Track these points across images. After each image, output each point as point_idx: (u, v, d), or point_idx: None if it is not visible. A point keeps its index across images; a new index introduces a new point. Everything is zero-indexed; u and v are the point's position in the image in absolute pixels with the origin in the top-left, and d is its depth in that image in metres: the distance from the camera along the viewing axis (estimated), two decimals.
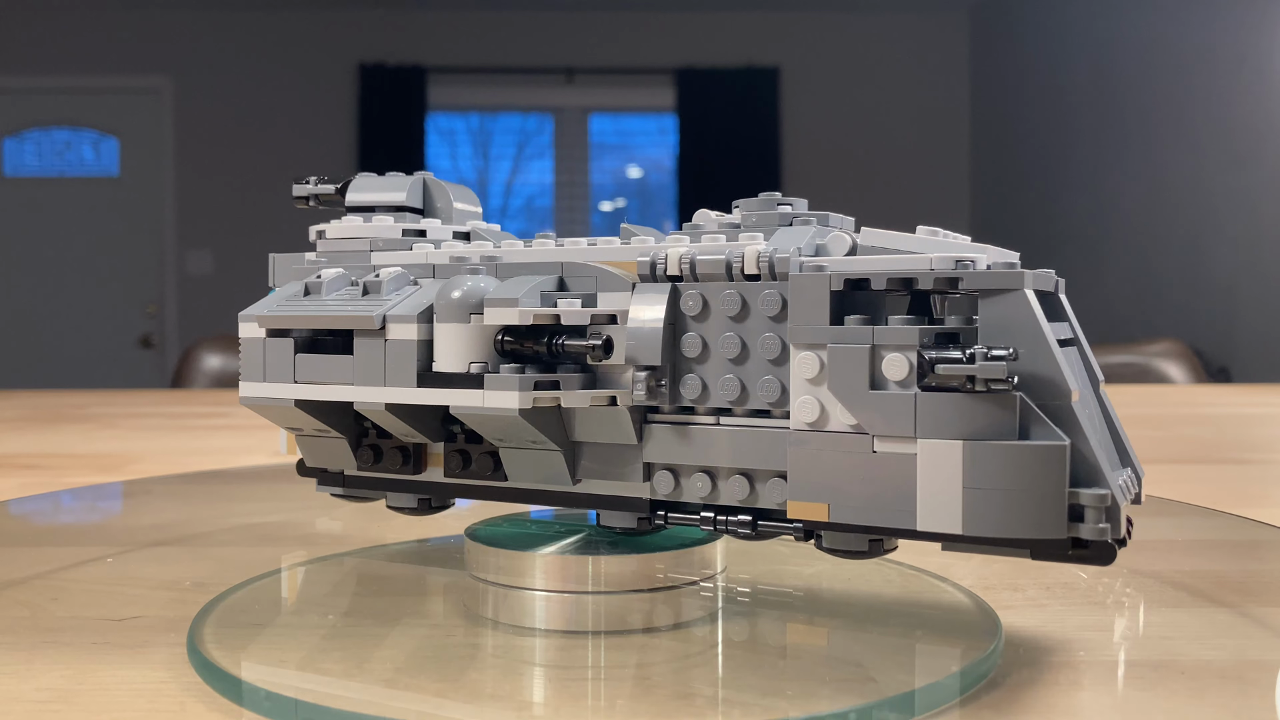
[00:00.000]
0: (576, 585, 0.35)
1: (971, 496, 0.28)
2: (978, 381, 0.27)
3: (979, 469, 0.28)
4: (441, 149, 4.84)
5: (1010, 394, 0.28)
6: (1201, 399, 1.35)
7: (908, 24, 4.77)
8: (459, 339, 0.33)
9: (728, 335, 0.32)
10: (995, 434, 0.28)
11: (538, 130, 4.86)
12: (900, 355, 0.29)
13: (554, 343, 0.33)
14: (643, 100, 4.81)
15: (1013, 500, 0.28)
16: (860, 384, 0.29)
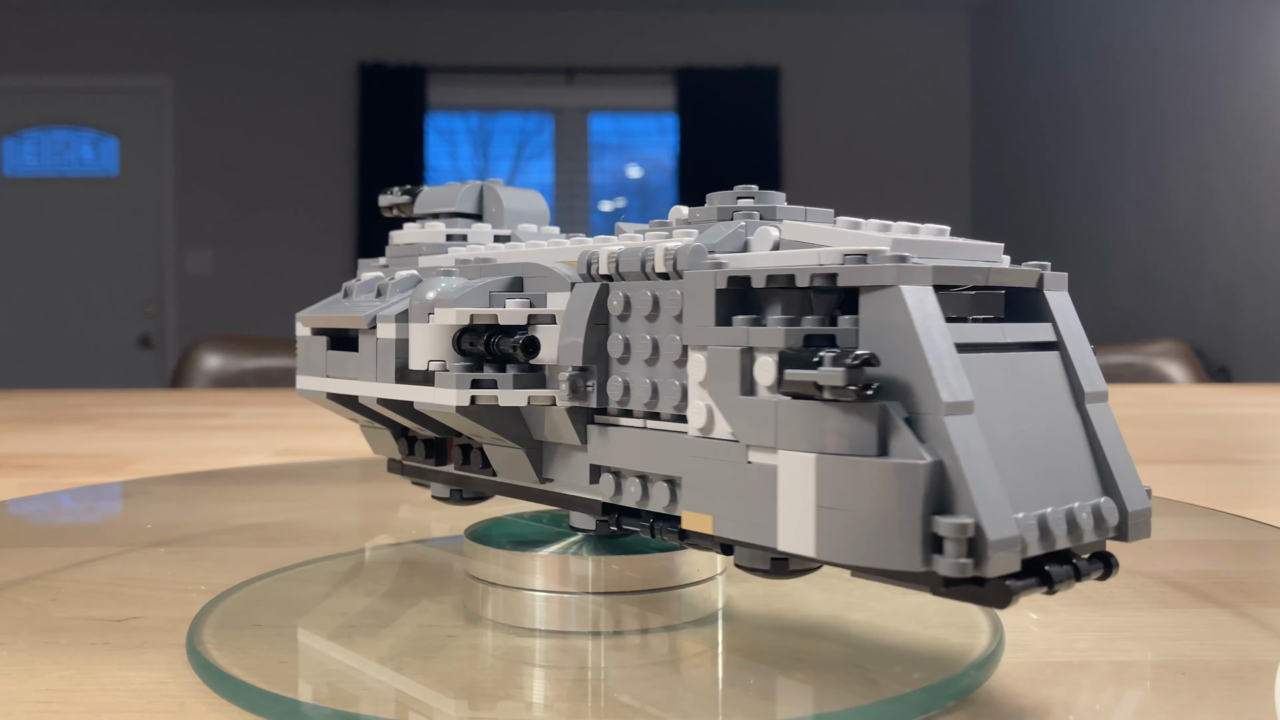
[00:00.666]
0: (576, 586, 0.35)
1: (824, 517, 0.26)
2: (825, 389, 0.25)
3: (831, 487, 0.25)
4: (441, 149, 4.84)
5: (868, 404, 0.25)
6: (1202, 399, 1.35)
7: (908, 24, 4.78)
8: (420, 338, 0.35)
9: (643, 336, 0.31)
10: (850, 448, 0.25)
11: (538, 130, 4.86)
12: (769, 359, 0.27)
13: (490, 343, 0.34)
14: (643, 100, 4.82)
15: (863, 524, 0.25)
16: (733, 389, 0.27)
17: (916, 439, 0.24)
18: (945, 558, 0.24)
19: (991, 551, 0.24)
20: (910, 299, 0.25)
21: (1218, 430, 1.03)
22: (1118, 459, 0.28)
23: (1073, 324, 0.29)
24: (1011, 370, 0.27)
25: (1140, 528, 0.28)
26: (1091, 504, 0.27)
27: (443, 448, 0.39)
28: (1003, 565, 0.24)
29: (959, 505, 0.24)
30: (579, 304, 0.32)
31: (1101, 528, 0.27)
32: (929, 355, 0.25)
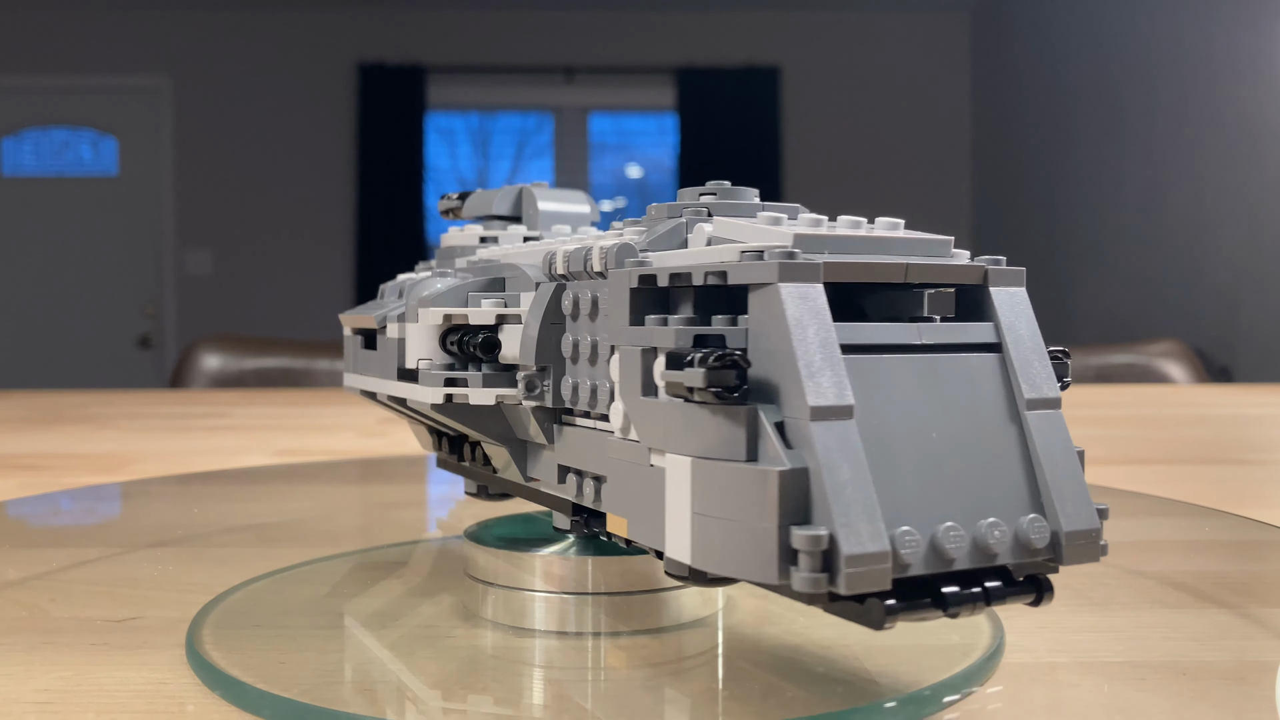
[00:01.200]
0: (576, 587, 0.35)
1: (698, 524, 0.25)
2: (693, 391, 0.24)
3: (703, 492, 0.24)
4: (441, 148, 4.84)
5: (737, 407, 0.24)
6: (1202, 399, 1.35)
7: (909, 23, 4.78)
8: (410, 337, 0.36)
9: (586, 336, 0.30)
10: (719, 452, 0.24)
11: (537, 130, 4.86)
12: (662, 359, 0.26)
13: (460, 342, 0.35)
14: (643, 99, 4.82)
15: (729, 532, 0.24)
16: (637, 389, 0.27)
17: (783, 444, 0.23)
18: (799, 571, 0.22)
19: (846, 566, 0.22)
20: (787, 297, 0.24)
21: (1218, 430, 1.03)
22: (1059, 473, 0.25)
23: (1021, 324, 0.27)
24: (926, 374, 0.25)
25: (1081, 550, 0.25)
26: (1011, 522, 0.24)
27: (463, 444, 0.41)
28: (863, 582, 0.22)
29: (817, 516, 0.23)
30: (536, 303, 0.32)
31: (1023, 549, 0.24)
32: (798, 356, 0.24)
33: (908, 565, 0.23)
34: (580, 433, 0.31)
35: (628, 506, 0.28)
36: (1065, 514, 0.25)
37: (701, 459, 0.24)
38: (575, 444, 0.32)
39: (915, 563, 0.23)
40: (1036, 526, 0.25)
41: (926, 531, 0.23)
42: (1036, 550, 0.25)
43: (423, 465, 0.79)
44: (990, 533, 0.24)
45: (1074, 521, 0.25)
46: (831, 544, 0.22)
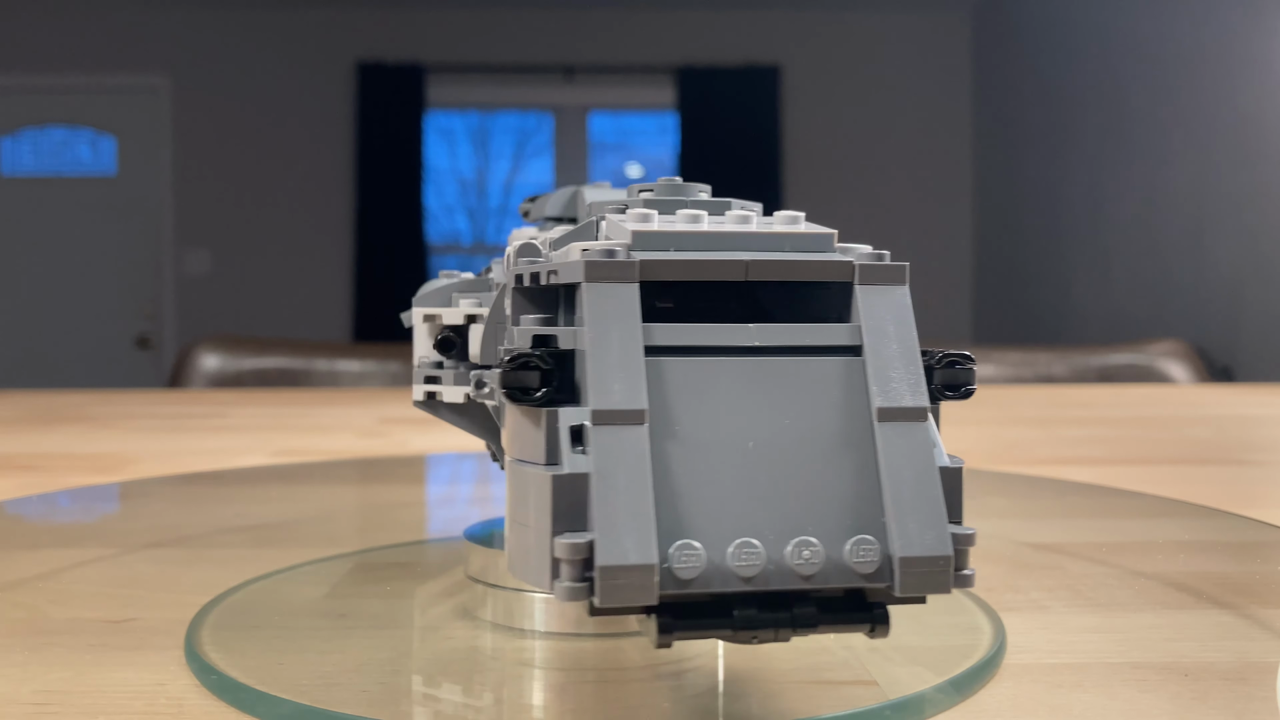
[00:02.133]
0: None
1: (510, 530, 0.24)
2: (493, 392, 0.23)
3: (512, 496, 0.24)
4: (440, 147, 4.84)
5: (537, 409, 0.23)
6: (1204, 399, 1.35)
7: (909, 23, 4.78)
8: (416, 337, 0.38)
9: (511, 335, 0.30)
10: (528, 455, 0.23)
11: (537, 129, 4.86)
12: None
13: (437, 340, 0.37)
14: (643, 98, 4.82)
15: (523, 538, 0.23)
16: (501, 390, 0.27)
17: (572, 449, 0.22)
18: (559, 580, 0.21)
19: (601, 577, 0.21)
20: (590, 297, 0.23)
21: (1220, 431, 1.03)
22: (905, 492, 0.23)
23: (890, 325, 0.24)
24: (756, 378, 0.24)
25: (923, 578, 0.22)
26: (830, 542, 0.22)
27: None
28: (621, 595, 0.21)
29: (590, 523, 0.22)
30: (493, 304, 0.33)
31: (841, 572, 0.22)
32: (590, 357, 0.23)
33: (685, 581, 0.22)
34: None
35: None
36: (904, 537, 0.22)
37: (514, 461, 0.24)
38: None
39: (694, 579, 0.22)
40: (862, 549, 0.22)
41: (718, 547, 0.22)
42: (860, 575, 0.22)
43: (422, 465, 0.79)
44: (797, 553, 0.22)
45: (914, 546, 0.22)
46: (590, 552, 0.21)
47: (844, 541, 0.22)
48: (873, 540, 0.22)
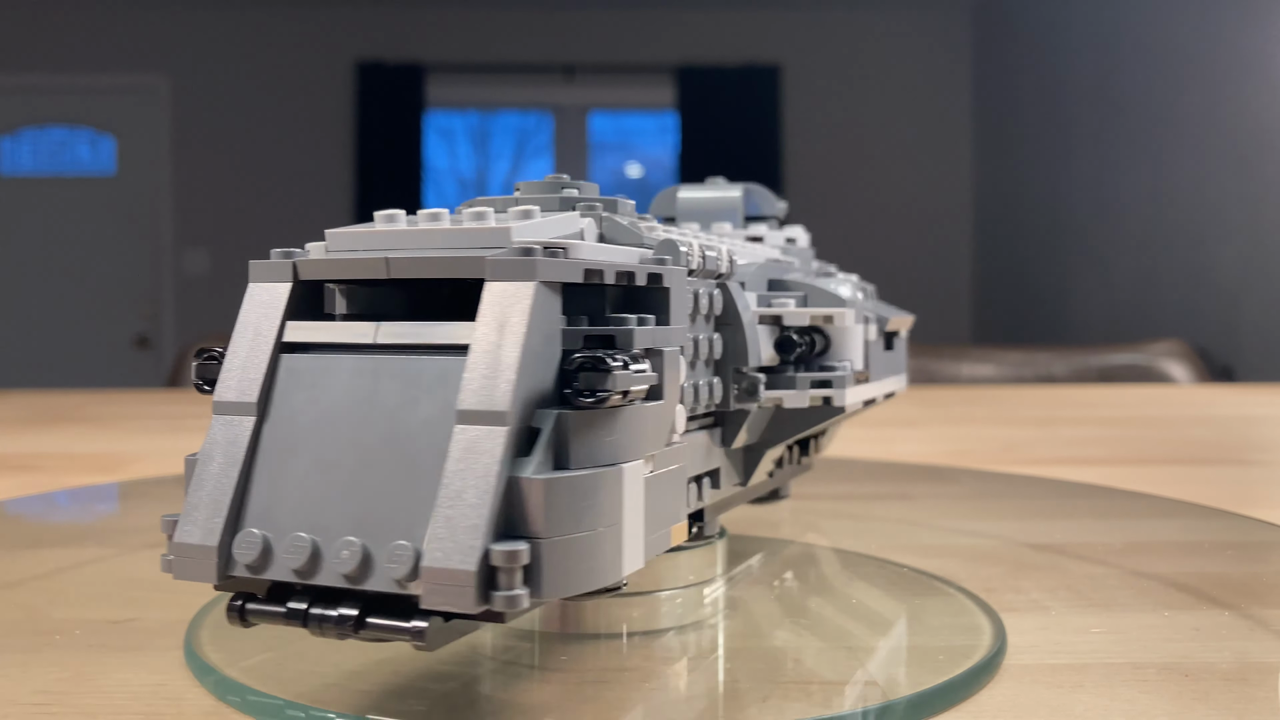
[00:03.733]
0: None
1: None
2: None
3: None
4: (440, 147, 4.84)
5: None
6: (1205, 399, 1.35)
7: (910, 22, 4.78)
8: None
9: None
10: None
11: (537, 128, 4.86)
12: None
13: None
14: (643, 98, 4.81)
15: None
16: None
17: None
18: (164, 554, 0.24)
19: (173, 554, 0.23)
20: (247, 295, 0.25)
21: (1221, 430, 1.03)
22: (453, 499, 0.22)
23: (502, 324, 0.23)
24: (366, 375, 0.24)
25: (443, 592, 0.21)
26: (377, 544, 0.22)
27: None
28: (189, 572, 0.23)
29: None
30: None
31: (372, 575, 0.22)
32: (228, 354, 0.25)
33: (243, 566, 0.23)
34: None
35: None
36: (434, 546, 0.22)
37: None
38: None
39: (250, 566, 0.23)
40: (398, 554, 0.22)
41: (279, 538, 0.23)
42: (392, 580, 0.22)
43: None
44: (338, 551, 0.22)
45: (438, 557, 0.21)
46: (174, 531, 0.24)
47: (387, 544, 0.22)
48: (408, 546, 0.22)
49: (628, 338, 0.25)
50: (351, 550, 0.22)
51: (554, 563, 0.22)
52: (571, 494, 0.23)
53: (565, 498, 0.22)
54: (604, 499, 0.23)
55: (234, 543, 0.23)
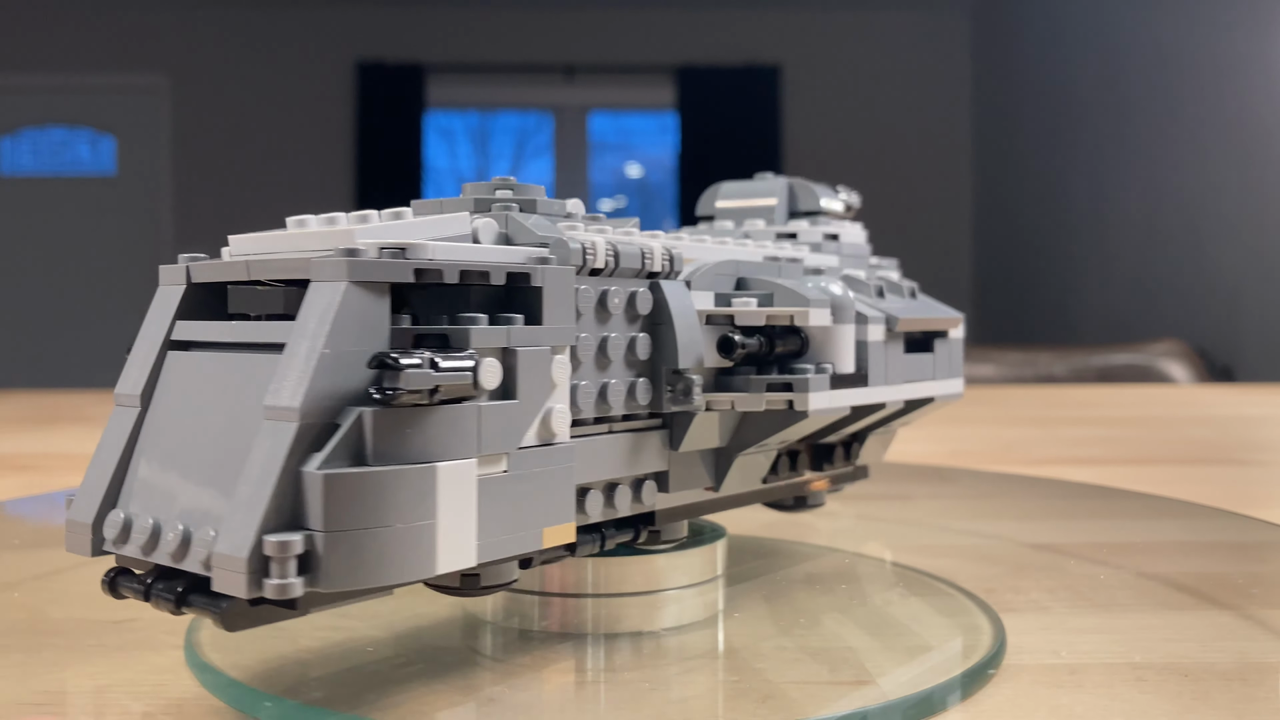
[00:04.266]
0: (576, 588, 0.35)
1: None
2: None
3: None
4: (440, 147, 4.84)
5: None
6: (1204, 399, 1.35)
7: (909, 22, 4.77)
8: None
9: None
10: None
11: (537, 129, 4.86)
12: None
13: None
14: (643, 98, 4.81)
15: None
16: None
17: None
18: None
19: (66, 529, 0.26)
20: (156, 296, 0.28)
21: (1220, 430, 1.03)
22: (245, 490, 0.23)
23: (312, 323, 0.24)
24: (216, 371, 0.26)
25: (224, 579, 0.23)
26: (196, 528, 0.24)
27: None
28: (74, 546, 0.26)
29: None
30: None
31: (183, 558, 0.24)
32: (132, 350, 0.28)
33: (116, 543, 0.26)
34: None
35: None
36: (223, 534, 0.23)
37: None
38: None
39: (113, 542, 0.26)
40: (204, 539, 0.24)
41: (140, 519, 0.25)
42: (198, 562, 0.24)
43: None
44: (165, 533, 0.24)
45: (222, 544, 0.23)
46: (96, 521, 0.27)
47: (201, 529, 0.24)
48: (212, 533, 0.24)
49: (461, 337, 0.26)
50: (175, 533, 0.24)
51: (335, 555, 0.23)
52: (358, 489, 0.23)
53: (348, 492, 0.23)
54: (406, 496, 0.24)
55: (105, 522, 0.26)
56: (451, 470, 0.25)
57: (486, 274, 0.26)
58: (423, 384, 0.24)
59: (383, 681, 0.32)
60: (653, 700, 0.30)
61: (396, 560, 0.24)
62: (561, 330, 0.28)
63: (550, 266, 0.28)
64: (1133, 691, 0.31)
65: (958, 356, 0.42)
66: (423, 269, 0.25)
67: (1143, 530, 0.55)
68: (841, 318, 0.34)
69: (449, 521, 0.25)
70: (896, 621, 0.38)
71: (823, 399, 0.34)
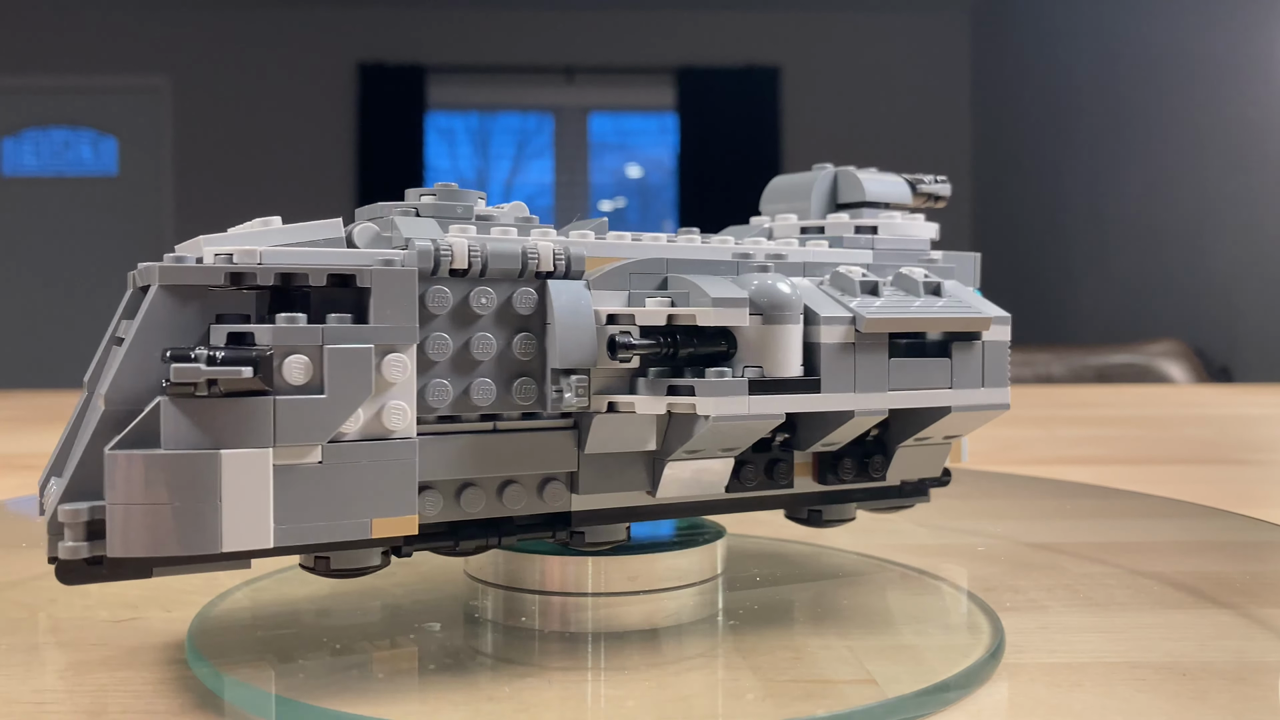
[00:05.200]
0: (576, 587, 0.35)
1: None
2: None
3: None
4: (441, 148, 4.84)
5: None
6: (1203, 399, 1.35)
7: (908, 23, 4.77)
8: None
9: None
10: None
11: (537, 130, 4.86)
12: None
13: None
14: (643, 99, 4.81)
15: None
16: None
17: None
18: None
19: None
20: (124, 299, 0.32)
21: (1219, 430, 1.03)
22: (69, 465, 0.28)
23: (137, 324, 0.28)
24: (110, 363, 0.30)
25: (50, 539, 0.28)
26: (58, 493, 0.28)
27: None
28: (37, 510, 0.30)
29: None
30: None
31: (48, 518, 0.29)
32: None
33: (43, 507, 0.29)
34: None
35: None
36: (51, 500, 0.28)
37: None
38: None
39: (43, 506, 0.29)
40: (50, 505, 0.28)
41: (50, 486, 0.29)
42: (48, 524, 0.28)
43: None
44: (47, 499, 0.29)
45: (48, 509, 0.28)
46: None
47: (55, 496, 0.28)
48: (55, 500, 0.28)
49: (265, 335, 0.28)
50: (49, 497, 0.28)
51: (117, 525, 0.27)
52: (140, 468, 0.27)
53: (131, 471, 0.27)
54: (187, 478, 0.27)
55: (46, 488, 0.29)
56: (238, 458, 0.27)
57: (306, 276, 0.28)
58: (191, 377, 0.26)
59: (383, 681, 0.32)
60: (653, 699, 0.30)
61: (177, 535, 0.27)
62: (394, 329, 0.29)
63: (380, 268, 0.29)
64: (1131, 691, 0.31)
65: (997, 362, 0.37)
66: (237, 272, 0.28)
67: (1141, 530, 0.55)
68: (776, 318, 0.32)
69: (237, 504, 0.27)
70: (896, 621, 0.38)
71: (731, 404, 0.31)
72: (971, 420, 0.37)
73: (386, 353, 0.29)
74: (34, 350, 4.54)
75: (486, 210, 0.33)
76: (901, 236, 0.40)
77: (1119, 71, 3.59)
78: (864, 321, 0.33)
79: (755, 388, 0.31)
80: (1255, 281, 2.93)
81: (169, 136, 4.62)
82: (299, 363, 0.28)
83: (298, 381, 0.28)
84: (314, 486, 0.28)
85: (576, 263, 0.32)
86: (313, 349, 0.28)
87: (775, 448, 0.35)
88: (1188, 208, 3.23)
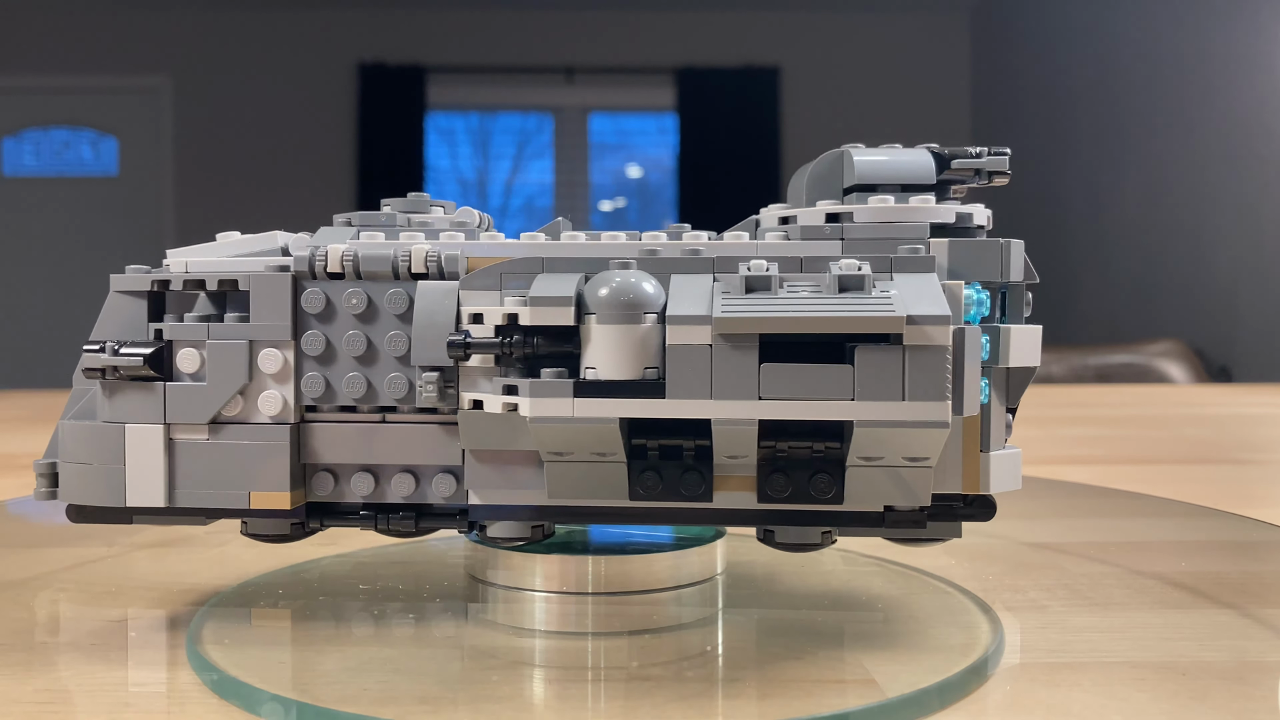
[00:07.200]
0: (576, 587, 0.35)
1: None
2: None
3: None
4: (441, 148, 4.84)
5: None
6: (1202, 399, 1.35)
7: (908, 24, 4.78)
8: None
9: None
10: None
11: (537, 130, 4.86)
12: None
13: None
14: (643, 100, 4.81)
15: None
16: None
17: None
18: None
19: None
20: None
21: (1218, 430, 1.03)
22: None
23: (98, 321, 0.36)
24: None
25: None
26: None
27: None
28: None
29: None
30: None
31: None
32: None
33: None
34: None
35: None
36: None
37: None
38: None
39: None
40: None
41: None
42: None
43: None
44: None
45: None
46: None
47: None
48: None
49: (167, 331, 0.34)
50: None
51: (65, 478, 0.34)
52: (76, 436, 0.34)
53: (70, 437, 0.34)
54: (102, 444, 0.34)
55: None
56: (138, 431, 0.34)
57: (202, 282, 0.34)
58: (94, 364, 0.33)
59: (383, 681, 0.32)
60: (652, 699, 0.30)
61: (98, 488, 0.34)
62: (269, 327, 0.33)
63: (258, 274, 0.34)
64: (1130, 690, 0.31)
65: (929, 372, 0.29)
66: (160, 279, 0.34)
67: (1140, 529, 0.55)
68: (608, 317, 0.30)
69: (138, 467, 0.34)
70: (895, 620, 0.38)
71: (553, 406, 0.30)
72: (898, 439, 0.30)
73: (263, 348, 0.33)
74: (34, 350, 4.54)
75: (434, 217, 0.37)
76: (884, 223, 0.35)
77: (1119, 71, 3.59)
78: (716, 322, 0.29)
79: (586, 389, 0.30)
80: (1255, 281, 2.93)
81: (169, 136, 4.62)
82: (189, 354, 0.33)
83: (190, 370, 0.34)
84: (201, 459, 0.34)
85: (450, 264, 0.33)
86: (199, 343, 0.33)
87: (687, 457, 0.32)
88: (1188, 208, 3.23)
